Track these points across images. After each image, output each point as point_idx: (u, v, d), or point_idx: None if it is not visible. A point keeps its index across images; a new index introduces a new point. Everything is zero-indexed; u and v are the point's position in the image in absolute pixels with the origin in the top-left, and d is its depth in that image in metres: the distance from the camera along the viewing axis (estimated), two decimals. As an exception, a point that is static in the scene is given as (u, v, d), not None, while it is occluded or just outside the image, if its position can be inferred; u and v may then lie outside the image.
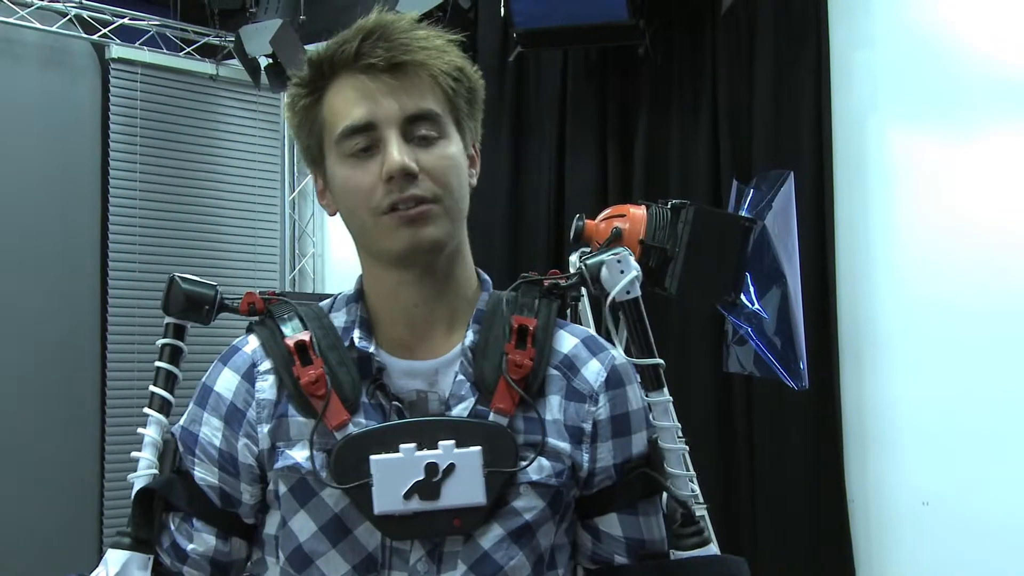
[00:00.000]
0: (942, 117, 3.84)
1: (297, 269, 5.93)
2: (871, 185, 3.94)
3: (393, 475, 1.25)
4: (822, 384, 3.80)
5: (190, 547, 1.37)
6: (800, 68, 4.06)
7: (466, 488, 1.26)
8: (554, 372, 1.36)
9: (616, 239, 2.89)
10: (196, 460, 1.37)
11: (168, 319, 1.42)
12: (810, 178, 3.89)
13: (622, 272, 1.35)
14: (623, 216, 2.97)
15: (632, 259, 1.36)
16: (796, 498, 3.95)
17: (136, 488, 1.37)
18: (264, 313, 1.40)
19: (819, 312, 3.84)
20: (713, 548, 1.37)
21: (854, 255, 3.94)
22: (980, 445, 3.64)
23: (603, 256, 1.36)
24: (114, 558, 1.34)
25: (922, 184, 3.83)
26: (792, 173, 3.13)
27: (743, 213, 3.13)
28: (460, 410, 1.31)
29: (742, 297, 3.03)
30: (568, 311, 3.11)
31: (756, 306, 3.01)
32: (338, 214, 1.37)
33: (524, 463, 1.30)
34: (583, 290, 1.43)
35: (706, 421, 4.12)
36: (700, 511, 3.46)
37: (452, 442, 1.26)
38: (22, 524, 4.88)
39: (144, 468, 1.37)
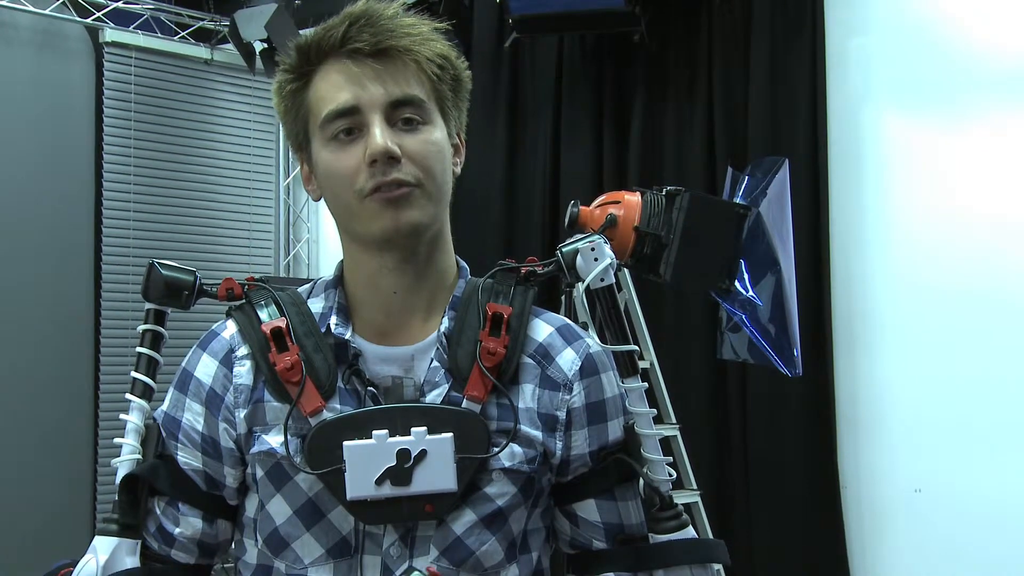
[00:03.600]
0: (937, 104, 3.84)
1: (292, 254, 5.93)
2: (866, 172, 3.94)
3: (365, 461, 1.27)
4: (816, 371, 3.81)
5: (177, 531, 1.38)
6: (795, 55, 4.05)
7: (437, 474, 1.27)
8: (529, 360, 1.38)
9: (611, 226, 2.89)
10: (179, 445, 1.38)
11: (148, 305, 1.41)
12: (805, 165, 3.89)
13: (596, 260, 1.36)
14: (618, 203, 2.97)
15: (607, 247, 1.37)
16: (790, 484, 3.96)
17: (120, 474, 1.37)
18: (242, 298, 1.41)
19: (813, 299, 3.85)
20: (691, 531, 1.38)
21: (848, 242, 3.95)
22: (973, 432, 3.65)
23: (578, 244, 1.38)
24: (102, 544, 1.34)
25: (916, 171, 3.83)
26: (787, 160, 3.13)
27: (738, 200, 3.13)
28: (434, 396, 1.33)
29: (736, 284, 3.03)
30: (563, 298, 3.14)
31: (750, 293, 3.01)
32: (323, 199, 1.38)
33: (496, 449, 1.31)
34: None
35: (700, 408, 4.13)
36: (694, 497, 3.49)
37: (424, 428, 1.28)
38: (16, 512, 4.88)
39: (127, 454, 1.38)
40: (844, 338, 3.94)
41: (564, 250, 1.39)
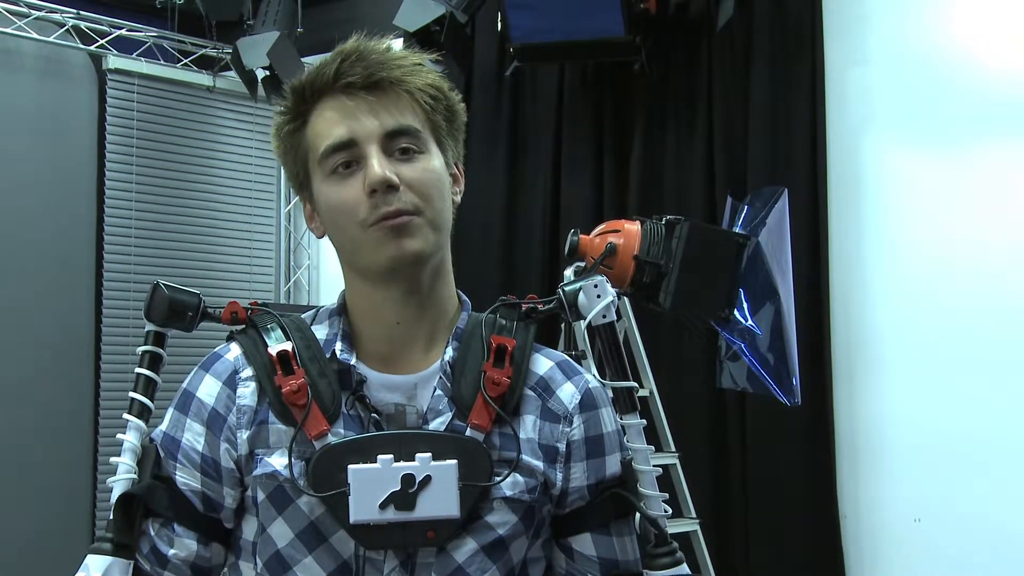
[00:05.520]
0: (937, 135, 3.86)
1: (292, 281, 5.94)
2: (865, 202, 3.95)
3: (370, 485, 1.27)
4: (815, 400, 3.81)
5: (171, 552, 1.37)
6: (795, 85, 4.07)
7: (441, 500, 1.27)
8: (530, 393, 1.39)
9: (610, 254, 2.90)
10: (178, 465, 1.38)
11: (149, 326, 1.42)
12: (804, 195, 3.91)
13: (599, 296, 1.38)
14: (618, 231, 2.98)
15: (609, 285, 1.39)
16: (789, 513, 3.95)
17: (116, 493, 1.37)
18: (246, 322, 1.42)
19: (812, 328, 3.85)
20: (685, 568, 1.38)
21: (847, 272, 3.95)
22: (973, 461, 3.65)
23: (581, 282, 1.39)
24: (95, 563, 1.34)
25: (916, 201, 3.84)
26: (786, 190, 3.14)
27: (737, 229, 3.15)
28: (437, 424, 1.34)
29: (735, 313, 3.04)
30: (562, 326, 3.14)
31: (749, 322, 3.02)
32: (326, 236, 1.40)
33: (498, 478, 1.32)
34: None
35: (699, 436, 4.12)
36: (692, 526, 3.48)
37: (429, 455, 1.28)
38: (14, 527, 4.87)
39: (123, 473, 1.37)
40: (843, 367, 3.94)
41: (566, 289, 1.40)
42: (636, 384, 1.41)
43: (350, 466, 1.27)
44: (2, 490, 4.88)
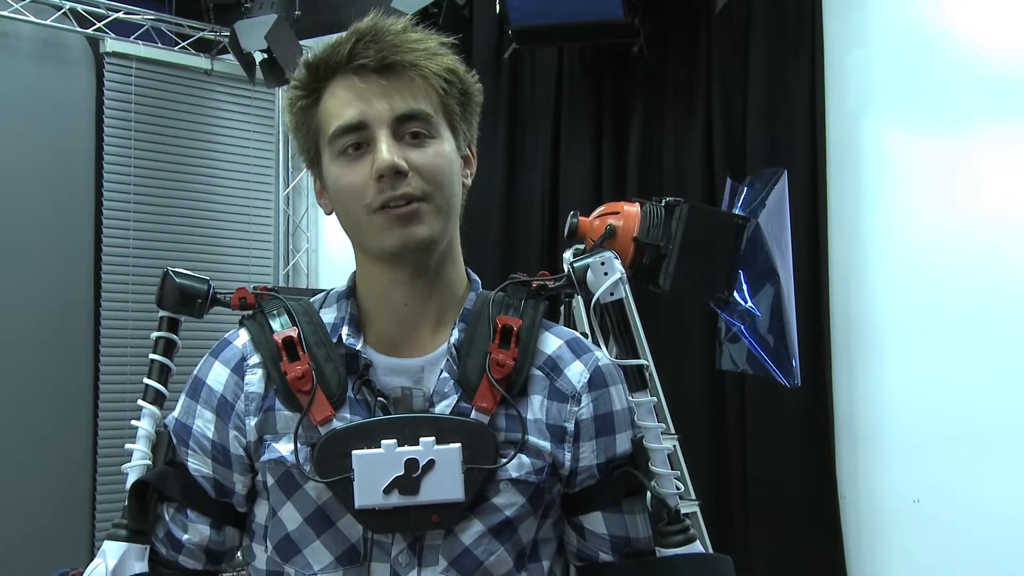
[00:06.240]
0: (936, 115, 3.85)
1: (291, 264, 5.94)
2: (865, 183, 3.95)
3: (374, 470, 1.28)
4: (814, 381, 3.82)
5: (185, 537, 1.40)
6: (794, 66, 4.07)
7: (445, 484, 1.28)
8: (537, 372, 1.38)
9: (610, 236, 2.90)
10: (190, 452, 1.40)
11: (162, 313, 1.43)
12: (804, 176, 3.91)
13: (606, 274, 1.37)
14: (617, 213, 2.97)
15: (617, 262, 1.38)
16: (788, 495, 3.96)
17: (131, 480, 1.39)
18: (255, 308, 1.42)
19: (812, 310, 3.85)
20: (698, 546, 1.38)
21: (847, 253, 3.95)
22: (971, 442, 3.65)
23: (589, 259, 1.39)
24: (112, 549, 1.36)
25: (915, 182, 3.84)
26: (786, 171, 3.14)
27: (737, 211, 3.14)
28: (443, 407, 1.34)
29: (735, 295, 3.04)
30: (562, 308, 3.14)
31: (749, 304, 3.02)
32: (334, 213, 1.39)
33: (504, 460, 1.32)
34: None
35: (699, 418, 4.13)
36: (692, 507, 3.49)
37: (432, 439, 1.29)
38: (14, 515, 4.88)
39: (138, 460, 1.39)
40: (842, 349, 3.94)
41: (575, 265, 1.39)
42: (645, 362, 1.40)
43: (354, 452, 1.28)
44: (2, 476, 4.88)
